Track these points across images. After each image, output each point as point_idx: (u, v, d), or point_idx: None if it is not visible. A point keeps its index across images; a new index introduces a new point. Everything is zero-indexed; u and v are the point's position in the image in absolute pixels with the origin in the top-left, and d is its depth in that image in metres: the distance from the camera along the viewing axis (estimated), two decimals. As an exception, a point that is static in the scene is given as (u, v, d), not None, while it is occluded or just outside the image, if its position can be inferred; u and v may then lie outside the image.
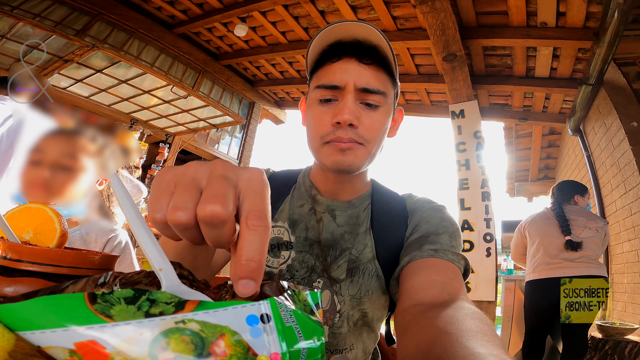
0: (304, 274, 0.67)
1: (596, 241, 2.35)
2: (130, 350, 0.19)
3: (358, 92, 0.63)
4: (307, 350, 0.23)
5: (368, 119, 0.63)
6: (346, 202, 0.72)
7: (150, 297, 0.21)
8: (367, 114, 0.64)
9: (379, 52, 0.64)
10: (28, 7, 3.57)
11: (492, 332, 0.38)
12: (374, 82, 0.63)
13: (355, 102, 0.63)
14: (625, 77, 3.10)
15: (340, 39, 0.64)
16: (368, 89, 0.63)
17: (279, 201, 0.74)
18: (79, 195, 0.92)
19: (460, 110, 3.90)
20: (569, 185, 2.65)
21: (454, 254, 0.61)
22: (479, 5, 3.29)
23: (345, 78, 0.63)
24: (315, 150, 0.67)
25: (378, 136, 0.65)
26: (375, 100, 0.64)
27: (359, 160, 0.64)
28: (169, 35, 4.72)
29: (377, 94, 0.63)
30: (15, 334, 0.20)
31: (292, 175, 0.79)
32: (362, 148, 0.63)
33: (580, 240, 2.33)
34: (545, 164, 6.04)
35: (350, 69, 0.63)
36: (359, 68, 0.63)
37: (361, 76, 0.63)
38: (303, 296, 0.27)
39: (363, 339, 0.68)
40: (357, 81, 0.62)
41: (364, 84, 0.62)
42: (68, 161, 0.90)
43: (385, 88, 0.65)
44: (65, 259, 0.40)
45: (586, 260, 2.31)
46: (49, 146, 0.90)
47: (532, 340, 2.49)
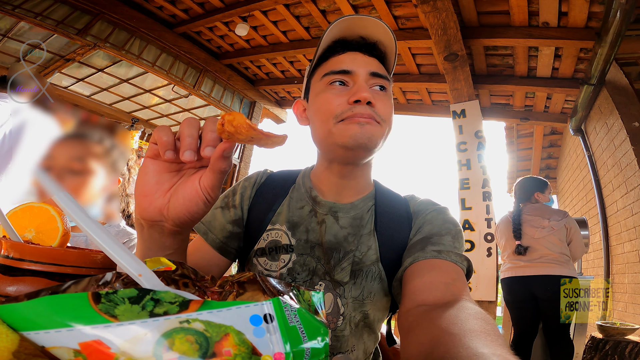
0: (305, 277, 0.67)
1: (554, 239, 2.37)
2: (134, 350, 0.19)
3: (369, 76, 0.66)
4: (311, 350, 0.23)
5: (380, 101, 0.65)
6: (349, 204, 0.71)
7: (154, 296, 0.21)
8: (379, 96, 0.66)
9: (380, 48, 0.69)
10: (29, 7, 3.57)
11: (495, 332, 0.38)
12: (382, 70, 0.68)
13: (367, 84, 0.65)
14: (627, 77, 3.09)
15: (344, 36, 0.69)
16: (378, 73, 0.66)
17: (276, 202, 0.73)
18: (92, 198, 0.96)
19: (462, 110, 3.90)
20: (528, 182, 2.70)
21: (457, 255, 0.60)
22: (481, 4, 3.28)
23: (355, 64, 0.66)
24: (327, 133, 0.65)
25: (391, 118, 0.67)
26: (385, 84, 0.67)
27: (377, 136, 0.63)
28: (170, 34, 4.72)
29: (385, 79, 0.67)
30: (19, 334, 0.20)
31: (290, 176, 0.78)
32: (379, 126, 0.64)
33: (528, 246, 2.41)
34: (547, 163, 6.03)
35: (357, 58, 0.67)
36: (365, 58, 0.68)
37: (369, 63, 0.67)
38: (308, 296, 0.27)
39: (364, 340, 0.68)
40: (367, 66, 0.66)
41: (374, 68, 0.67)
42: (77, 165, 0.92)
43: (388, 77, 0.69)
44: (67, 258, 0.40)
45: (545, 261, 2.35)
46: (57, 152, 0.91)
47: (518, 341, 2.54)
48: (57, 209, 0.48)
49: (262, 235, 0.71)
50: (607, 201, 3.49)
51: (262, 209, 0.73)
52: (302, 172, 0.78)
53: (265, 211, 0.72)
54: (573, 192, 4.88)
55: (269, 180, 0.77)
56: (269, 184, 0.76)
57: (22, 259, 0.40)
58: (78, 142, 0.95)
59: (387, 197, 0.74)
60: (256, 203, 0.74)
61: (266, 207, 0.73)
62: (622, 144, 3.01)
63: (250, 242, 0.71)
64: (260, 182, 0.77)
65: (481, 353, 0.31)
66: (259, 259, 0.70)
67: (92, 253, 0.42)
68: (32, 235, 0.47)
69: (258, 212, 0.73)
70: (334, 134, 0.64)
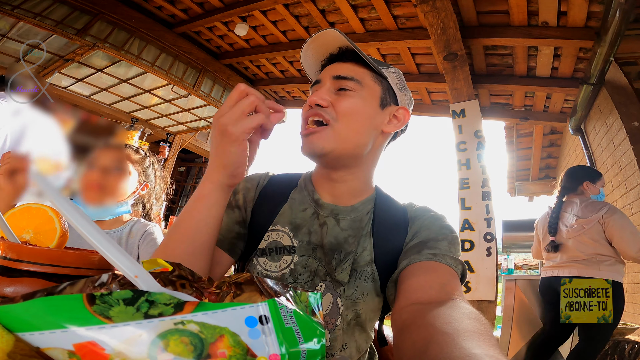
0: (306, 278, 0.68)
1: (585, 239, 2.09)
2: (129, 352, 0.19)
3: (333, 80, 0.69)
4: (307, 352, 0.23)
5: (337, 101, 0.67)
6: (350, 207, 0.72)
7: (149, 298, 0.21)
8: (338, 96, 0.68)
9: (356, 53, 0.70)
10: (29, 7, 3.56)
11: (488, 332, 0.38)
12: (348, 72, 0.69)
13: (329, 90, 0.69)
14: (627, 76, 3.09)
15: (330, 52, 0.73)
16: (340, 76, 0.68)
17: (278, 205, 0.74)
18: (124, 195, 1.13)
19: (461, 109, 3.89)
20: (578, 170, 2.38)
21: (452, 259, 0.61)
22: (480, 4, 3.28)
23: (325, 73, 0.71)
24: None
25: (348, 115, 0.67)
26: (349, 86, 0.68)
27: (323, 140, 0.65)
28: (169, 34, 4.71)
29: (349, 80, 0.68)
30: (15, 335, 0.20)
31: (291, 179, 0.79)
32: (327, 128, 0.65)
33: (560, 243, 2.17)
34: (546, 163, 6.03)
35: (330, 67, 0.72)
36: (339, 65, 0.71)
37: (337, 69, 0.70)
38: (305, 297, 0.27)
39: (355, 338, 0.69)
40: (333, 72, 0.70)
41: (337, 72, 0.69)
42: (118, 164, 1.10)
43: (362, 78, 0.69)
44: (65, 259, 0.40)
45: (573, 262, 2.13)
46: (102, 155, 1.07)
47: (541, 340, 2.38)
48: (55, 210, 0.48)
49: (263, 237, 0.72)
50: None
51: (265, 211, 0.74)
52: (304, 176, 0.79)
53: (268, 213, 0.73)
54: (573, 191, 4.88)
55: (271, 182, 0.78)
56: (272, 186, 0.77)
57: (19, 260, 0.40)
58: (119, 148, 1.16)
59: (386, 202, 0.75)
60: (260, 205, 0.75)
61: (269, 209, 0.74)
62: (621, 143, 3.01)
63: (253, 244, 0.72)
64: (263, 184, 0.78)
65: (474, 354, 0.31)
66: (259, 259, 0.70)
67: (90, 254, 0.42)
68: (30, 236, 0.47)
69: (261, 214, 0.74)
70: None
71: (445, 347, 0.34)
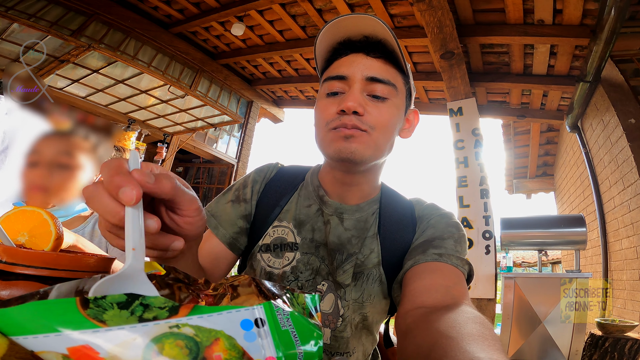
0: (308, 276, 0.67)
1: None
2: (123, 355, 0.19)
3: (365, 82, 0.61)
4: (304, 354, 0.23)
5: (375, 109, 0.61)
6: (355, 206, 0.70)
7: (143, 301, 0.21)
8: (374, 104, 0.62)
9: (387, 46, 0.63)
10: (23, 8, 3.54)
11: (493, 336, 0.38)
12: (382, 73, 0.62)
13: (362, 92, 0.61)
14: (623, 74, 3.10)
15: (349, 36, 0.64)
16: (375, 78, 0.61)
17: (283, 198, 0.72)
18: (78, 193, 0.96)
19: (458, 107, 3.90)
20: None
21: (458, 259, 0.60)
22: (476, 2, 3.28)
23: (352, 69, 0.62)
24: (321, 140, 0.64)
25: (385, 127, 0.62)
26: (383, 92, 0.62)
27: (363, 148, 0.60)
28: (165, 34, 4.70)
29: (385, 84, 0.62)
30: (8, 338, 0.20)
31: (300, 172, 0.77)
32: (365, 135, 0.60)
33: None
34: (544, 160, 6.05)
35: (357, 60, 0.62)
36: (367, 60, 0.62)
37: (368, 67, 0.62)
38: (302, 299, 0.27)
39: (362, 342, 0.68)
40: (365, 71, 0.61)
41: (372, 73, 0.61)
42: (65, 159, 0.93)
43: (395, 80, 0.63)
44: (60, 262, 0.40)
45: None
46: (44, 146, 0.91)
47: None
48: (50, 213, 0.48)
49: (268, 231, 0.70)
50: (605, 198, 3.50)
51: (269, 204, 0.72)
52: (311, 170, 0.77)
53: (272, 206, 0.71)
54: (570, 189, 4.90)
55: (278, 174, 0.76)
56: (278, 178, 0.75)
57: (14, 263, 0.39)
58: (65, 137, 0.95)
59: (393, 201, 0.73)
60: (264, 197, 0.73)
61: (273, 202, 0.72)
62: (618, 140, 3.02)
63: (255, 237, 0.71)
64: (269, 177, 0.75)
65: (478, 357, 0.31)
66: (263, 254, 0.69)
67: (85, 257, 0.42)
68: (24, 240, 0.46)
69: (265, 206, 0.72)
70: (324, 142, 0.63)
71: (450, 350, 0.34)
